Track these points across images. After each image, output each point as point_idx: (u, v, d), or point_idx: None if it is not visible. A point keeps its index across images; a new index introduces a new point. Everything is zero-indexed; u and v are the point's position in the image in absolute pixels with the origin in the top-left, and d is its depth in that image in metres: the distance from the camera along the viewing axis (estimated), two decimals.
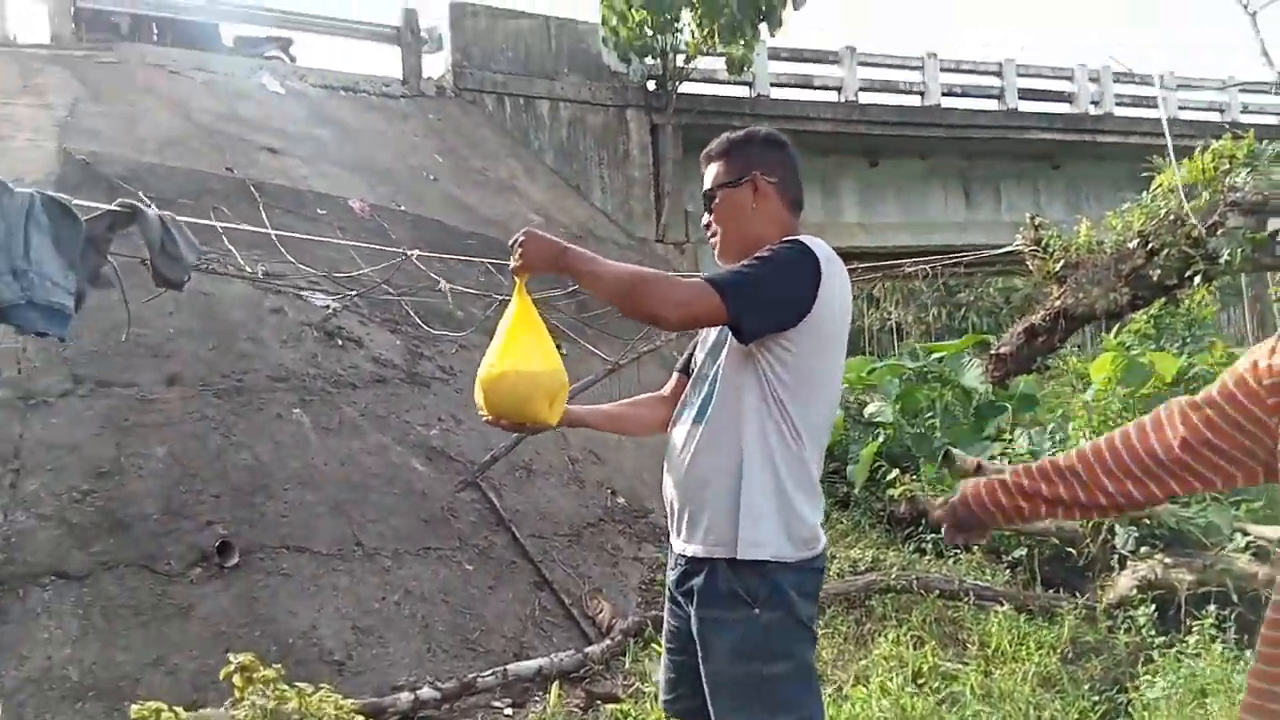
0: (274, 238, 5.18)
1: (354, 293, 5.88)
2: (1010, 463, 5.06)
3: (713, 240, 2.05)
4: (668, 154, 11.79)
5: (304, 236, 5.71)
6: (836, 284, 1.87)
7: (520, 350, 1.90)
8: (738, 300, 1.77)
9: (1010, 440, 5.82)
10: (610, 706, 3.68)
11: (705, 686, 1.87)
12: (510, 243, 1.89)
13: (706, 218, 2.07)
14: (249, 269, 5.35)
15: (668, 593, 2.04)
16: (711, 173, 2.05)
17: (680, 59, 11.48)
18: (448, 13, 11.21)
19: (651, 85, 11.98)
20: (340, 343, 5.68)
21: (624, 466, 6.33)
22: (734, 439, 1.86)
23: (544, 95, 11.51)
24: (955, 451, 4.55)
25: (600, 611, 4.62)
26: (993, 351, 7.34)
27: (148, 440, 4.29)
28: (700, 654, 1.88)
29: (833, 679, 3.69)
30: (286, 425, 4.75)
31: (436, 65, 11.48)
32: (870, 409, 6.95)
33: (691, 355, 2.13)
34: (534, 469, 5.61)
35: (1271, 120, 15.62)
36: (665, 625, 2.08)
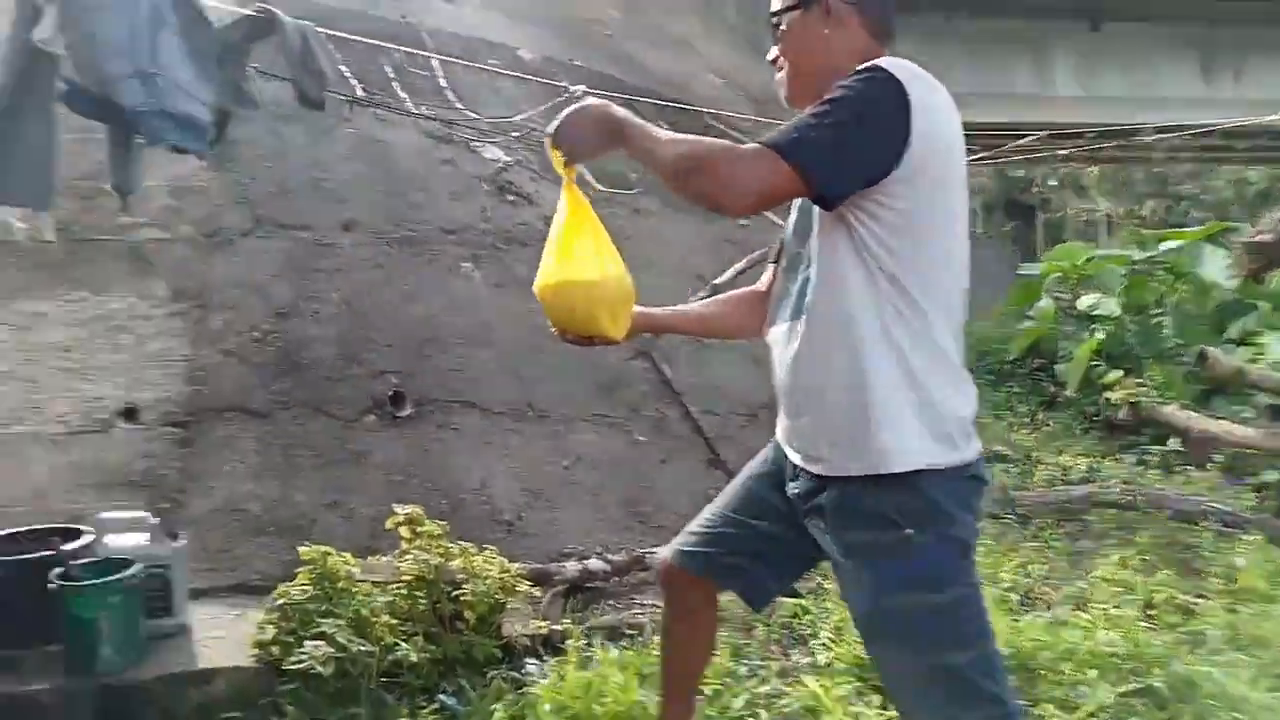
0: (442, 82, 4.95)
1: (516, 133, 5.59)
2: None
3: (778, 77, 1.70)
4: None
5: (465, 64, 5.45)
6: (936, 113, 1.48)
7: (575, 257, 1.63)
8: (812, 162, 1.42)
9: (1261, 347, 5.03)
10: (784, 598, 3.43)
11: (859, 629, 1.62)
12: (547, 133, 1.58)
13: (773, 51, 1.69)
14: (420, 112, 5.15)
15: (768, 474, 1.76)
16: None
17: None
18: None
19: None
20: (511, 199, 5.46)
21: None
22: (843, 329, 1.52)
23: None
24: (1212, 351, 3.89)
25: None
26: (1247, 239, 6.33)
27: (324, 284, 4.22)
28: (842, 588, 1.61)
29: (1042, 597, 3.28)
30: (457, 279, 4.61)
31: None
32: (1086, 302, 6.20)
33: (782, 242, 1.77)
34: (708, 341, 5.30)
35: None
36: (747, 490, 1.81)
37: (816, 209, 1.53)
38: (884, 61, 1.49)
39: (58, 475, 3.14)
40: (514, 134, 5.57)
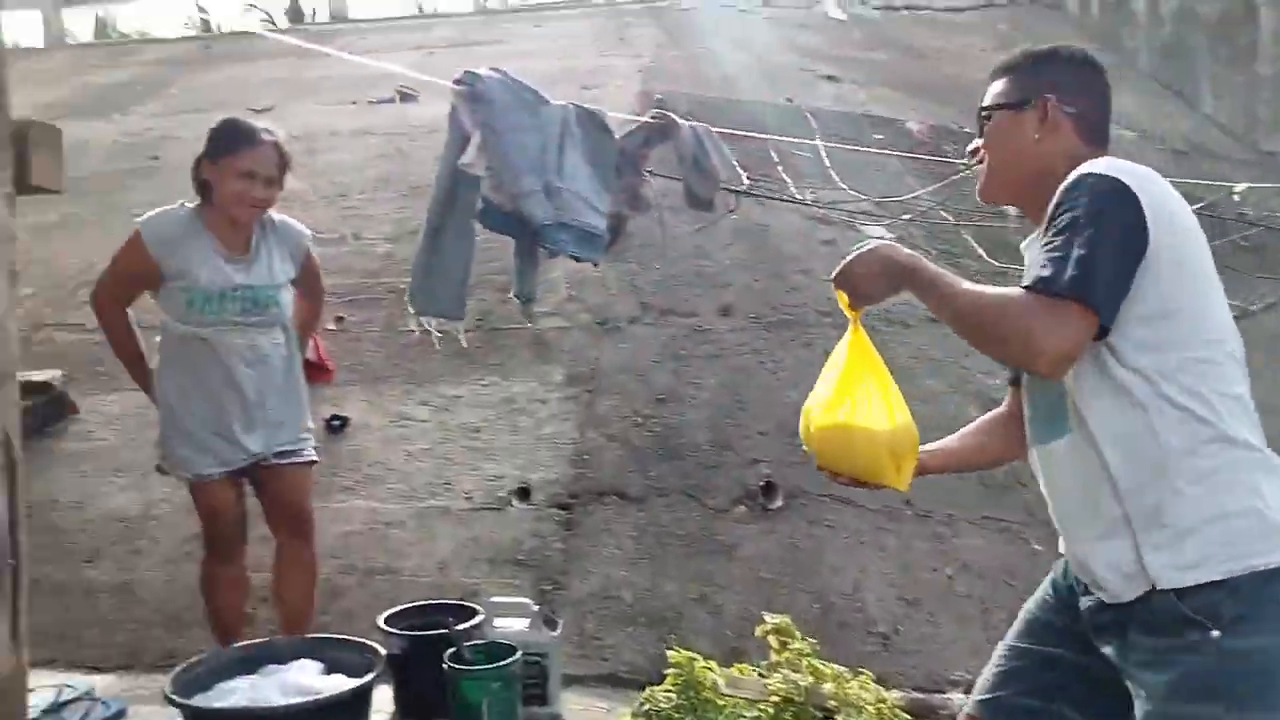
0: (825, 162, 4.88)
1: (906, 216, 5.35)
2: None
3: (979, 168, 1.67)
4: None
5: (849, 148, 5.32)
6: (1164, 200, 1.40)
7: (859, 401, 1.58)
8: (1097, 295, 1.31)
9: None
10: None
11: None
12: (834, 276, 1.58)
13: (976, 142, 1.68)
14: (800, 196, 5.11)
15: (1056, 595, 1.63)
16: (993, 90, 1.65)
17: None
18: None
19: None
20: None
21: None
22: (1111, 440, 1.39)
23: None
24: None
25: None
26: None
27: (701, 370, 4.29)
28: (1133, 690, 1.40)
29: None
30: None
31: None
32: None
33: None
34: None
35: None
36: (1032, 616, 1.68)
37: None
38: (1100, 165, 1.42)
39: (459, 549, 3.44)
40: (905, 216, 5.37)
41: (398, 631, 2.55)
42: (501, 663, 2.43)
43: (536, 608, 2.66)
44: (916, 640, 3.30)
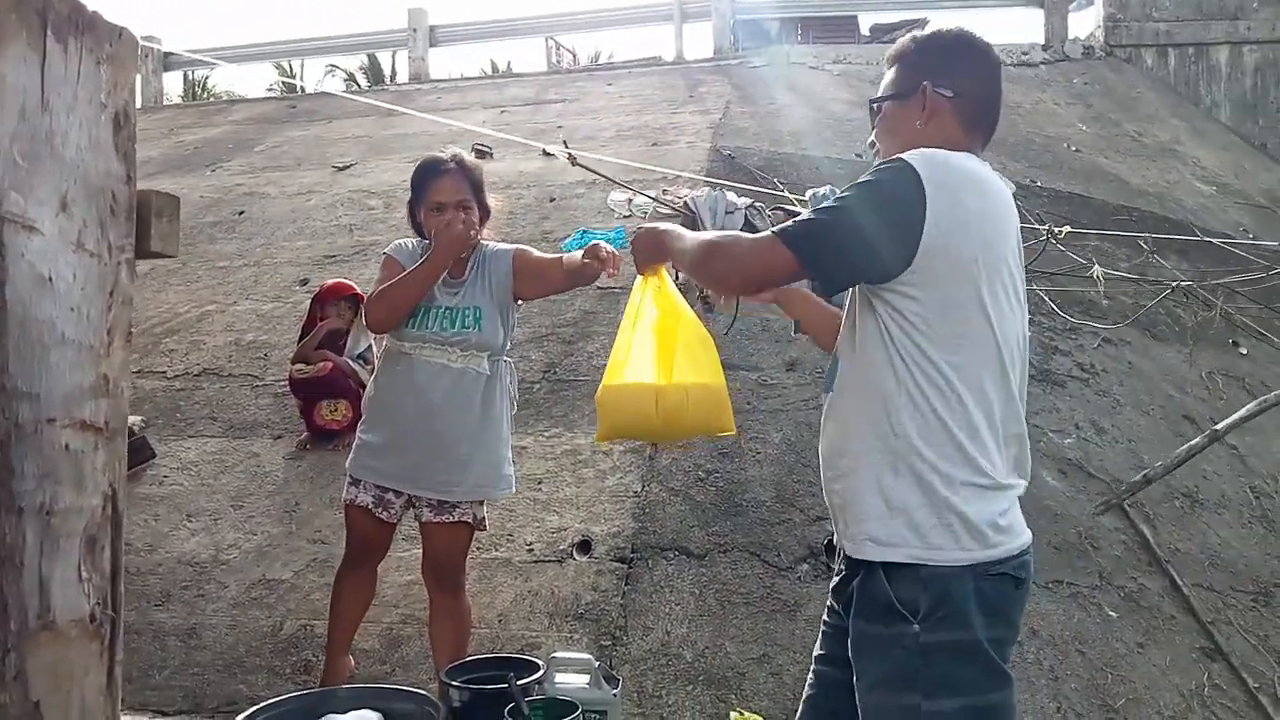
0: None
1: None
2: None
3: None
4: None
5: None
6: (957, 195, 1.49)
7: (630, 362, 1.79)
8: (810, 252, 1.52)
9: None
10: None
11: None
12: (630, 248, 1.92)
13: (871, 135, 1.77)
14: None
15: (832, 588, 1.78)
16: (884, 82, 1.75)
17: None
18: None
19: None
20: None
21: None
22: (866, 407, 1.57)
23: (1222, 40, 9.52)
24: None
25: None
26: None
27: (765, 425, 4.27)
28: (854, 675, 1.58)
29: None
30: None
31: (1084, 23, 10.24)
32: None
33: None
34: (1201, 499, 4.45)
35: None
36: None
37: (855, 292, 1.63)
38: (911, 153, 1.51)
39: (519, 601, 3.45)
40: None
41: (458, 684, 2.57)
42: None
43: (597, 664, 2.65)
44: None
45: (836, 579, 1.73)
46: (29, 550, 1.21)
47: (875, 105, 1.74)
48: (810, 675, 1.80)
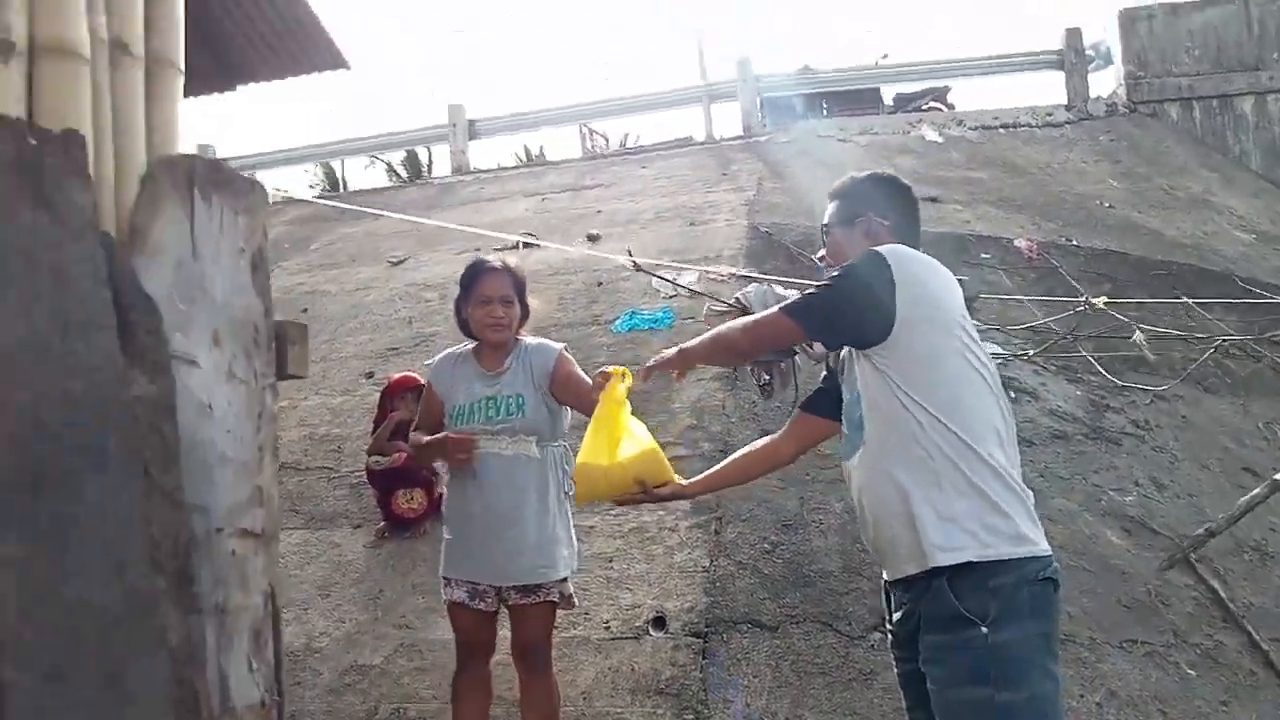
0: None
1: (1030, 352, 5.39)
2: None
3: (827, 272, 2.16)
4: None
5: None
6: (918, 269, 1.94)
7: (593, 447, 2.40)
8: (810, 320, 1.99)
9: None
10: None
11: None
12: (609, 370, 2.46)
13: (821, 252, 2.27)
14: None
15: (891, 641, 2.04)
16: (828, 211, 2.25)
17: None
18: (1115, 22, 10.11)
19: None
20: (1012, 394, 5.23)
21: None
22: (897, 443, 1.86)
23: (1245, 91, 9.68)
24: None
25: None
26: None
27: (826, 495, 4.36)
28: (930, 687, 1.81)
29: None
30: None
31: (1104, 82, 10.47)
32: None
33: (813, 393, 2.33)
34: (1271, 551, 4.45)
35: None
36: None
37: (857, 366, 1.98)
38: (881, 247, 1.96)
39: (600, 678, 3.54)
40: (1022, 348, 5.43)
41: None
42: None
43: None
44: None
45: (892, 625, 1.98)
46: (209, 647, 1.37)
47: (824, 229, 2.23)
48: None
